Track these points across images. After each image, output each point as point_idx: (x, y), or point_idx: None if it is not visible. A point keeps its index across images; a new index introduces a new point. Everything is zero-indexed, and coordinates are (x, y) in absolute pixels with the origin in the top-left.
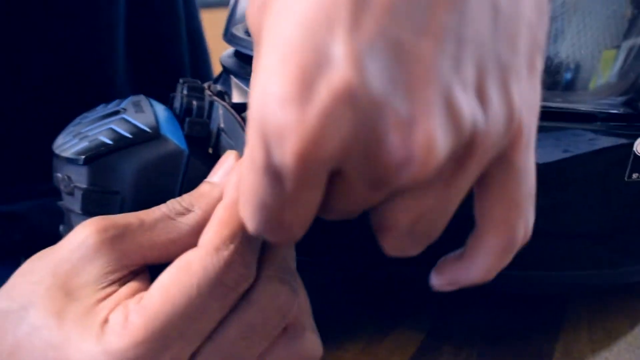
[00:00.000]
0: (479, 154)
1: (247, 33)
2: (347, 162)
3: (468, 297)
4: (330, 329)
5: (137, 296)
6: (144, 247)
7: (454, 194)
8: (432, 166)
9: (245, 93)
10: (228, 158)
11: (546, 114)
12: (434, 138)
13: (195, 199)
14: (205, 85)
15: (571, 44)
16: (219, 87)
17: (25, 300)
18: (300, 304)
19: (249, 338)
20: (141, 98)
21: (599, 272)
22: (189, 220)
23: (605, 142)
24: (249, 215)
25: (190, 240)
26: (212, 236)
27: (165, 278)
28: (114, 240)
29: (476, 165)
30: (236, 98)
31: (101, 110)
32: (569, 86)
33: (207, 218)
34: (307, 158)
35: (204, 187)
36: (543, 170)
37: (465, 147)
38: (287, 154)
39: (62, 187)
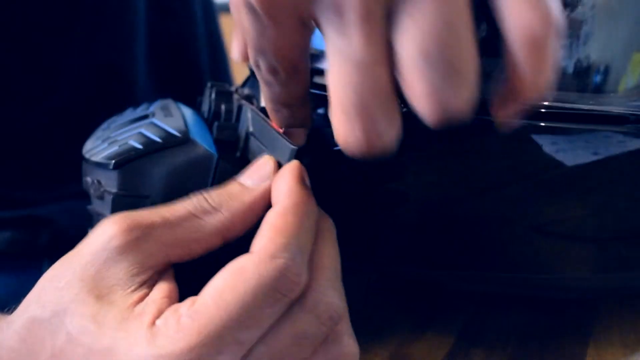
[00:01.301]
0: None
1: None
2: None
3: (498, 301)
4: (359, 333)
5: (189, 300)
6: (167, 246)
7: None
8: None
9: None
10: (266, 164)
11: (577, 116)
12: None
13: (224, 200)
14: (233, 88)
15: (602, 46)
16: (246, 90)
17: (55, 306)
18: None
19: (301, 344)
20: (169, 102)
21: (630, 275)
22: (214, 220)
23: (637, 144)
24: (234, 40)
25: (214, 240)
26: (266, 243)
27: (218, 283)
28: (138, 242)
29: None
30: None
31: (129, 114)
32: (600, 88)
33: (233, 221)
34: None
35: (234, 188)
36: (573, 172)
37: None
38: None
39: (91, 191)
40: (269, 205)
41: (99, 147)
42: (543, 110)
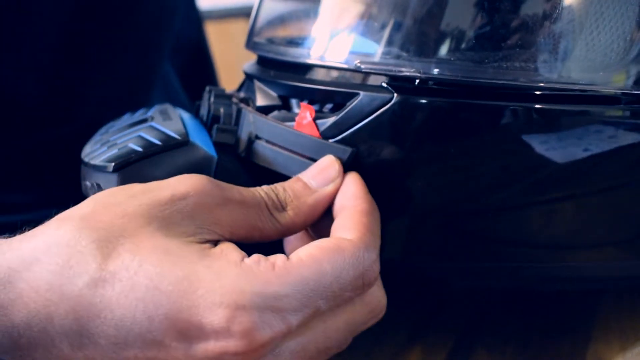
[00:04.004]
0: None
1: (269, 40)
2: None
3: (496, 303)
4: (359, 338)
5: (280, 255)
6: (235, 223)
7: None
8: None
9: (268, 96)
10: (331, 167)
11: (570, 98)
12: None
13: (290, 198)
14: (231, 93)
15: (595, 25)
16: (242, 94)
17: (113, 230)
18: None
19: (349, 332)
20: (168, 106)
21: (633, 264)
22: (280, 217)
23: (627, 138)
24: None
25: (273, 234)
26: (361, 236)
27: (315, 252)
28: (216, 207)
29: None
30: (260, 101)
31: (128, 119)
32: (592, 68)
33: (295, 221)
34: None
35: (298, 186)
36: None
37: None
38: None
39: (91, 194)
40: (329, 208)
41: (98, 151)
42: (537, 92)
